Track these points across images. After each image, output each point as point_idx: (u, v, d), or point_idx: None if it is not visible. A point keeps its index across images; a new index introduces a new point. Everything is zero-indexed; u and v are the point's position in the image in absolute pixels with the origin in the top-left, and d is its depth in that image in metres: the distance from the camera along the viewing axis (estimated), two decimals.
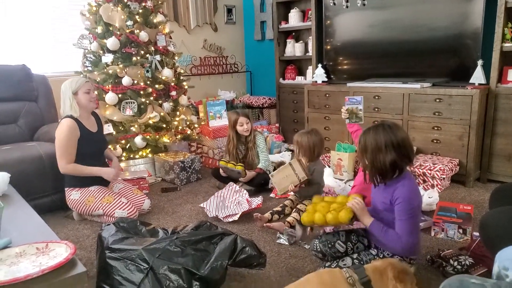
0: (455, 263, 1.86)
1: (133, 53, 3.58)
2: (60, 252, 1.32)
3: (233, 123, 3.31)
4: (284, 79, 4.93)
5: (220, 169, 3.25)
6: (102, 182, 2.78)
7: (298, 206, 2.66)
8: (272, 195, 3.18)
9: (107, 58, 3.54)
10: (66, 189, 2.74)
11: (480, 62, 3.12)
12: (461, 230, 2.27)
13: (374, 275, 1.33)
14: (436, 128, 3.29)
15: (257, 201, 2.78)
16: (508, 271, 1.01)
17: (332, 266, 1.85)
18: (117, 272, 1.64)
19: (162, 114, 3.67)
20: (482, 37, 3.12)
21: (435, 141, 3.32)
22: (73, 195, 2.70)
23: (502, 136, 3.14)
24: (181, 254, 1.69)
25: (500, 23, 2.99)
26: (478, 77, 3.14)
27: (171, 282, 1.58)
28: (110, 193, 2.71)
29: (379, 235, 1.75)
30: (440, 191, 3.03)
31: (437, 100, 3.25)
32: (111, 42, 3.45)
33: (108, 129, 3.50)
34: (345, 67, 4.23)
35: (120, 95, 3.53)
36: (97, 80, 3.53)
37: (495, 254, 1.11)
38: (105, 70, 3.52)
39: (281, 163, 3.77)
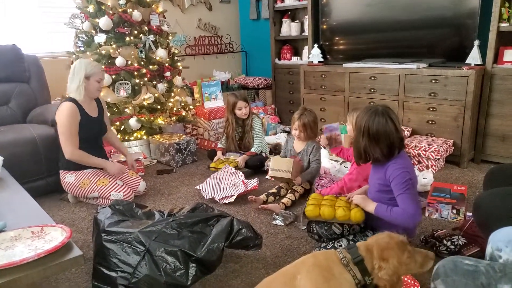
0: (448, 243, 1.89)
1: (126, 33, 3.51)
2: (56, 235, 1.32)
3: (232, 107, 3.29)
4: (280, 59, 4.88)
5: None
6: (99, 154, 2.76)
7: (294, 187, 2.68)
8: (268, 176, 3.18)
9: (100, 38, 3.48)
10: (60, 171, 2.72)
11: (476, 43, 3.09)
12: (454, 211, 2.29)
13: (366, 253, 1.34)
14: (431, 109, 3.29)
15: (253, 183, 2.79)
16: (501, 252, 1.03)
17: (328, 247, 1.87)
18: (114, 255, 1.64)
19: (156, 95, 3.63)
20: (479, 17, 3.09)
21: (430, 122, 3.32)
22: (67, 178, 2.69)
23: (496, 117, 3.15)
24: (177, 236, 1.70)
25: (497, 3, 2.95)
26: (474, 57, 3.11)
27: (168, 264, 1.59)
28: (105, 176, 2.70)
29: (385, 215, 1.76)
30: (434, 171, 3.06)
31: (433, 81, 3.24)
32: (104, 22, 3.38)
33: None
34: (341, 47, 4.19)
35: (113, 76, 3.48)
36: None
37: (488, 235, 1.13)
38: (98, 50, 3.46)
39: (277, 145, 3.77)
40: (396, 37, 3.66)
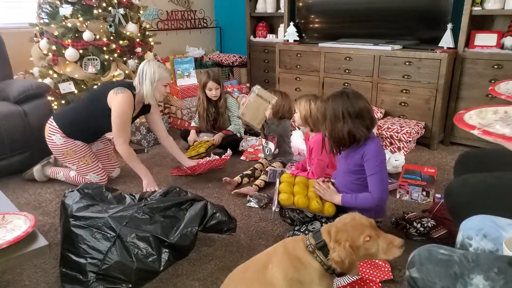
0: (418, 225, 1.93)
1: (94, 5, 3.32)
2: (19, 224, 1.25)
3: (203, 85, 3.21)
4: (255, 36, 4.78)
5: None
6: (94, 139, 2.69)
7: (267, 168, 2.66)
8: (242, 157, 3.16)
9: (65, 10, 3.28)
10: (53, 124, 2.53)
11: (449, 26, 3.12)
12: (424, 193, 2.35)
13: (327, 237, 1.29)
14: (404, 91, 3.33)
15: (226, 153, 2.74)
16: (472, 241, 1.05)
17: (301, 230, 1.88)
18: (83, 241, 1.59)
19: (127, 72, 3.50)
20: (453, 0, 3.10)
21: (403, 104, 3.36)
22: (56, 138, 2.52)
23: (466, 100, 3.22)
24: (149, 221, 1.66)
25: None
26: (447, 40, 3.14)
27: (140, 250, 1.55)
28: (90, 154, 2.61)
29: (352, 203, 1.78)
30: (406, 153, 3.12)
31: (407, 63, 3.26)
32: None
33: (69, 87, 3.32)
34: (317, 26, 4.13)
35: (81, 51, 3.31)
36: (55, 34, 3.28)
37: (459, 223, 1.14)
38: (64, 23, 3.27)
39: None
40: (372, 17, 3.63)
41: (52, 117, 2.59)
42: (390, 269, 1.70)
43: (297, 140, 3.24)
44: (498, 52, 2.99)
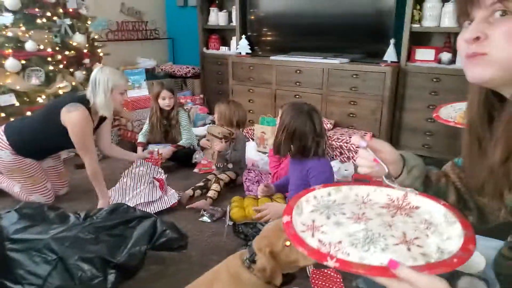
0: None
1: (38, 14, 3.19)
2: None
3: (156, 95, 3.16)
4: (208, 48, 4.78)
5: None
6: (47, 157, 2.55)
7: (220, 176, 2.65)
8: (196, 170, 3.13)
9: (6, 18, 3.12)
10: (2, 139, 2.36)
11: (392, 41, 3.29)
12: None
13: (256, 249, 1.26)
14: (352, 103, 3.45)
15: (173, 199, 2.48)
16: None
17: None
18: (20, 266, 1.50)
19: (74, 83, 3.36)
20: (395, 17, 3.28)
21: (351, 115, 3.49)
22: (4, 153, 2.35)
23: (409, 111, 3.40)
24: (94, 241, 1.60)
25: (410, 5, 3.17)
26: (390, 54, 3.32)
27: (84, 272, 1.49)
28: (39, 174, 2.47)
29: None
30: (355, 162, 3.22)
31: (354, 76, 3.39)
32: (10, 1, 3.03)
33: (9, 100, 3.14)
34: (268, 38, 4.21)
35: (23, 62, 3.15)
36: None
37: None
38: (4, 32, 3.11)
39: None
40: (321, 31, 3.75)
41: (2, 129, 2.42)
42: (341, 280, 1.74)
43: (251, 151, 3.27)
44: (436, 66, 3.19)
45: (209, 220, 2.31)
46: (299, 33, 3.92)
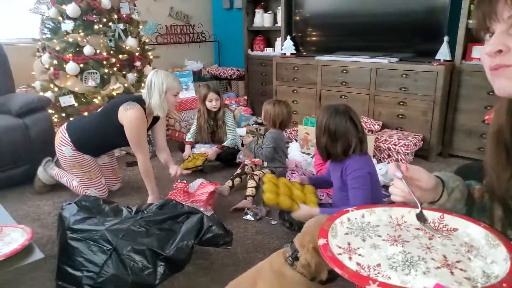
0: None
1: (95, 21, 3.38)
2: (16, 237, 1.26)
3: (203, 97, 3.25)
4: (252, 50, 4.83)
5: None
6: (103, 153, 2.70)
7: (254, 172, 2.66)
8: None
9: (67, 25, 3.33)
10: (65, 136, 2.52)
11: (446, 39, 3.16)
12: None
13: (297, 243, 1.27)
14: (401, 104, 3.35)
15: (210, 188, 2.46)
16: None
17: None
18: (79, 254, 1.60)
19: (126, 85, 3.53)
20: (449, 13, 3.14)
21: (400, 116, 3.38)
22: (66, 149, 2.53)
23: (464, 112, 3.24)
24: (145, 234, 1.66)
25: (466, 0, 3.02)
26: (443, 53, 3.18)
27: (135, 263, 1.56)
28: (95, 170, 2.62)
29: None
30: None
31: (404, 76, 3.29)
32: (71, 9, 3.24)
33: (69, 100, 3.35)
34: (314, 39, 4.19)
35: (81, 65, 3.35)
36: (57, 49, 3.33)
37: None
38: (65, 38, 3.32)
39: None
40: (368, 30, 3.68)
41: (65, 127, 2.57)
42: None
43: (294, 152, 3.26)
44: None
45: (252, 219, 2.33)
46: (345, 32, 3.86)
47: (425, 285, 0.61)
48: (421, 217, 0.82)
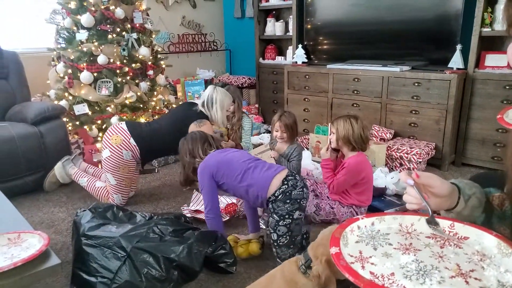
0: None
1: (109, 30, 3.44)
2: (33, 243, 1.28)
3: None
4: (264, 58, 4.86)
5: None
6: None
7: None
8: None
9: (82, 35, 3.40)
10: (130, 142, 2.53)
11: (459, 47, 3.14)
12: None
13: (311, 253, 1.28)
14: (414, 112, 3.33)
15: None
16: None
17: None
18: (94, 260, 1.61)
19: (139, 94, 3.58)
20: (462, 21, 3.13)
21: (412, 124, 3.36)
22: (126, 154, 2.53)
23: (477, 121, 3.21)
24: (159, 241, 1.68)
25: (480, 7, 3.01)
26: (456, 61, 3.17)
27: (149, 270, 1.56)
28: (132, 177, 2.64)
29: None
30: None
31: (416, 84, 3.28)
32: (86, 19, 3.31)
33: (83, 109, 3.40)
34: (325, 47, 4.20)
35: (95, 74, 3.41)
36: (71, 58, 3.39)
37: None
38: (80, 47, 3.39)
39: (260, 145, 3.76)
40: (380, 38, 3.68)
41: (127, 131, 2.55)
42: None
43: (306, 161, 3.25)
44: (509, 73, 2.99)
45: (264, 227, 2.33)
46: (357, 41, 3.87)
47: None
48: (431, 221, 0.81)
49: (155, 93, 3.80)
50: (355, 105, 3.65)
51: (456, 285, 0.63)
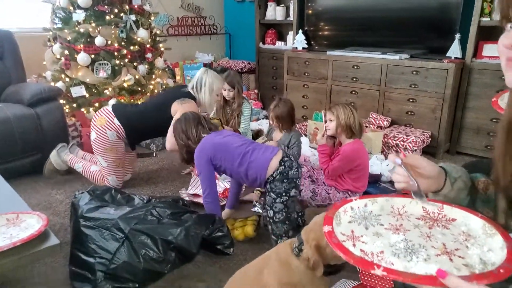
0: None
1: (107, 11, 3.40)
2: (32, 223, 1.30)
3: None
4: (264, 43, 4.83)
5: None
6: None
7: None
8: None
9: (78, 15, 3.35)
10: (114, 122, 2.53)
11: (457, 36, 3.14)
12: None
13: (304, 236, 1.30)
14: (411, 100, 3.34)
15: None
16: None
17: None
18: (92, 241, 1.64)
19: (137, 76, 3.56)
20: (461, 10, 3.12)
21: (409, 113, 3.38)
22: (111, 134, 2.53)
23: (472, 110, 3.22)
24: (157, 223, 1.70)
25: None
26: (454, 50, 3.16)
27: (147, 251, 1.59)
28: (123, 158, 2.66)
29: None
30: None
31: (414, 73, 3.28)
32: None
33: (80, 91, 3.38)
34: (325, 33, 4.18)
35: (92, 56, 3.38)
36: (68, 39, 3.36)
37: None
38: (76, 28, 3.35)
39: (259, 131, 3.78)
40: (380, 26, 3.66)
41: (112, 112, 2.57)
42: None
43: (303, 147, 3.26)
44: None
45: (261, 211, 2.36)
46: (357, 28, 3.85)
47: (426, 270, 0.64)
48: (417, 194, 0.85)
49: (154, 76, 3.78)
50: (353, 92, 3.66)
51: (441, 262, 0.67)
